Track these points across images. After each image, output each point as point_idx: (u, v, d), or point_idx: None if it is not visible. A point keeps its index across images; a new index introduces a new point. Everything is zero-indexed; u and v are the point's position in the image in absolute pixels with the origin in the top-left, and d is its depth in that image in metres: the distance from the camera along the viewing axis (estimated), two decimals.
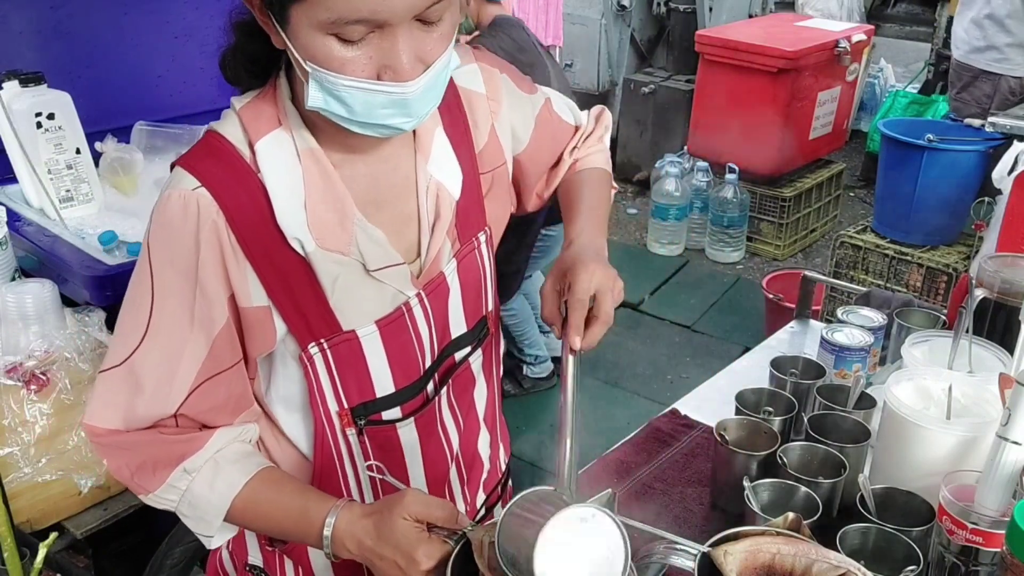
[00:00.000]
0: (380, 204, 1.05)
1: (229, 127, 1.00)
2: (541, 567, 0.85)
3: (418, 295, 1.08)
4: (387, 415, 1.11)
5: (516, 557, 0.89)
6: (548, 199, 1.33)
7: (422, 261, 1.08)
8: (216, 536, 1.08)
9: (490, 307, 1.21)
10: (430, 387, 1.14)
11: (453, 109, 1.11)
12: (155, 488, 1.04)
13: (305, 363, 1.04)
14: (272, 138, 0.99)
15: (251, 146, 0.98)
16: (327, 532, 1.01)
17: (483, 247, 1.16)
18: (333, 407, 1.07)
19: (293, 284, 1.00)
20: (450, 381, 1.17)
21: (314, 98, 0.91)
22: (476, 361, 1.21)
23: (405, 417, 1.12)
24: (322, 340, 1.03)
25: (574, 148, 1.32)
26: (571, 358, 1.03)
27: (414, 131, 1.06)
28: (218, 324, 1.00)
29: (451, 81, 1.09)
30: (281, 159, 0.98)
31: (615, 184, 1.37)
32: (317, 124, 0.99)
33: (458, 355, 1.17)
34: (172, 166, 1.00)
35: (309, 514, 1.03)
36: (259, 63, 1.00)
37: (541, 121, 1.25)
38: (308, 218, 0.99)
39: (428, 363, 1.13)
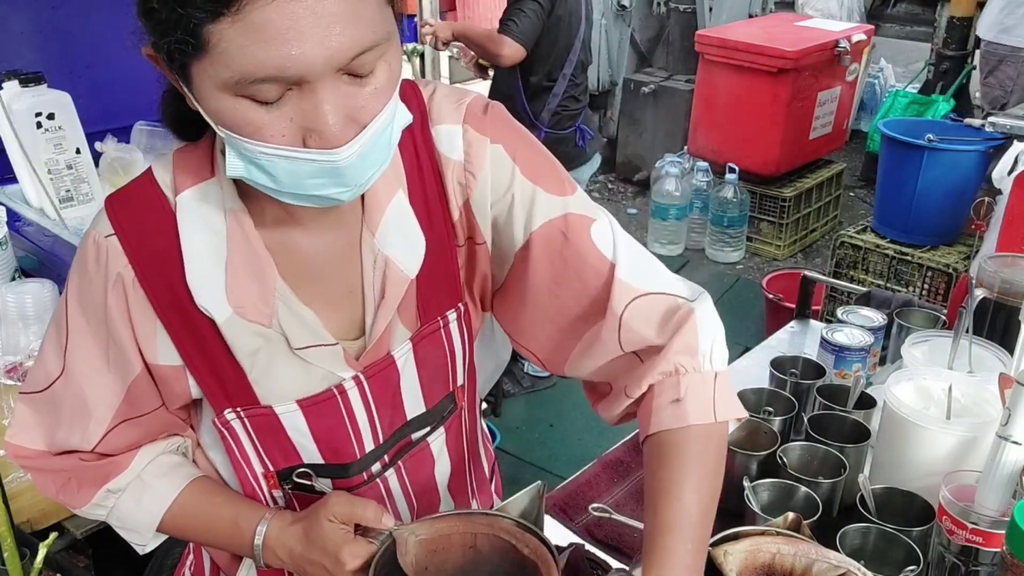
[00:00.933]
0: (315, 277, 0.93)
1: (161, 170, 0.91)
2: None
3: (355, 377, 0.96)
4: (319, 484, 1.01)
5: None
6: (588, 376, 1.02)
7: (366, 340, 0.96)
8: (149, 544, 1.08)
9: (460, 382, 1.05)
10: (376, 467, 1.04)
11: (425, 169, 0.94)
12: (81, 505, 1.04)
13: (220, 428, 0.97)
14: (199, 191, 0.89)
15: (175, 197, 0.89)
16: (258, 541, 0.99)
17: (452, 326, 1.00)
18: (258, 468, 1.01)
19: (209, 348, 0.92)
20: (401, 462, 1.05)
21: (233, 166, 0.79)
22: (437, 440, 1.07)
23: (338, 490, 1.01)
24: (239, 408, 0.95)
25: (651, 348, 0.95)
26: None
27: (363, 198, 0.91)
28: (133, 372, 0.95)
29: (430, 138, 0.94)
30: (204, 214, 0.89)
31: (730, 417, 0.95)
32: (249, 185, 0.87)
33: (415, 435, 1.05)
34: (106, 200, 0.93)
35: (240, 524, 1.01)
36: (189, 121, 0.87)
37: (552, 230, 0.95)
38: (228, 282, 0.89)
39: (368, 447, 1.02)
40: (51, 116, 2.14)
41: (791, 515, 1.05)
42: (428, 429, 1.05)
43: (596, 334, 0.96)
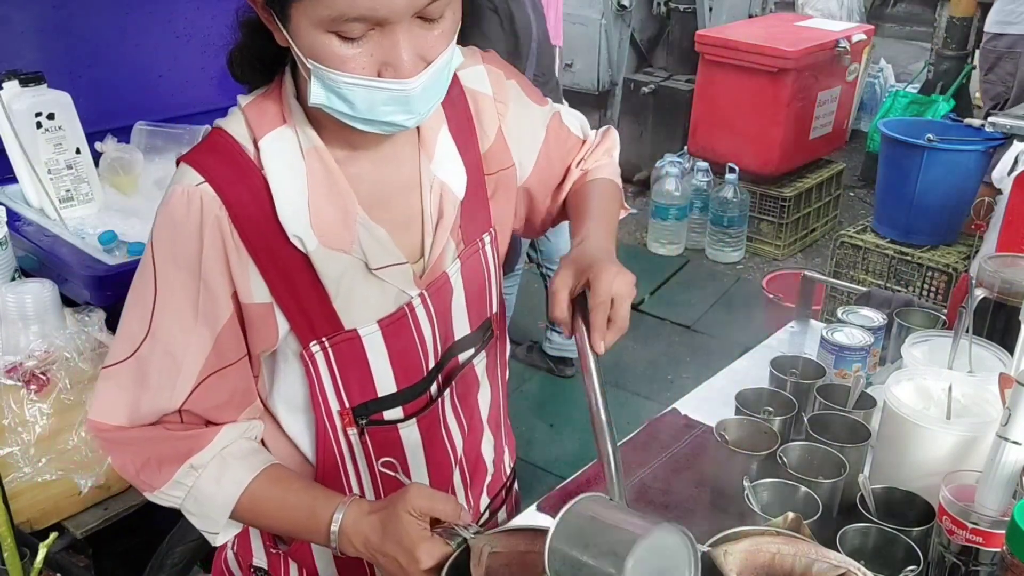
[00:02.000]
0: (383, 203, 1.05)
1: (234, 124, 1.00)
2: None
3: (421, 295, 1.07)
4: (389, 415, 1.10)
5: (583, 568, 0.85)
6: (557, 214, 1.31)
7: (425, 261, 1.08)
8: (221, 533, 1.08)
9: (495, 309, 1.20)
10: (433, 388, 1.14)
11: (459, 109, 1.11)
12: (161, 485, 1.04)
13: (306, 361, 1.03)
14: (276, 135, 0.99)
15: (255, 143, 0.98)
16: (334, 528, 1.01)
17: (487, 248, 1.16)
18: (335, 406, 1.07)
19: (296, 281, 1.00)
20: (453, 383, 1.16)
21: (316, 95, 0.91)
22: (480, 364, 1.20)
23: (407, 418, 1.12)
24: (324, 339, 1.03)
25: (581, 160, 1.30)
26: (592, 361, 0.99)
27: (418, 130, 1.06)
28: (222, 319, 1.00)
29: (457, 81, 1.09)
30: (285, 156, 0.98)
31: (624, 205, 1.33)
32: (321, 122, 0.99)
33: (462, 357, 1.17)
34: (177, 162, 1.00)
35: (316, 512, 1.03)
36: (264, 61, 1.00)
37: (551, 132, 1.24)
38: (311, 216, 0.98)
39: (431, 364, 1.12)
40: (51, 116, 2.14)
41: (791, 515, 1.05)
42: (472, 351, 1.18)
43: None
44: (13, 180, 2.24)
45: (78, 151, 2.20)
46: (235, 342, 1.02)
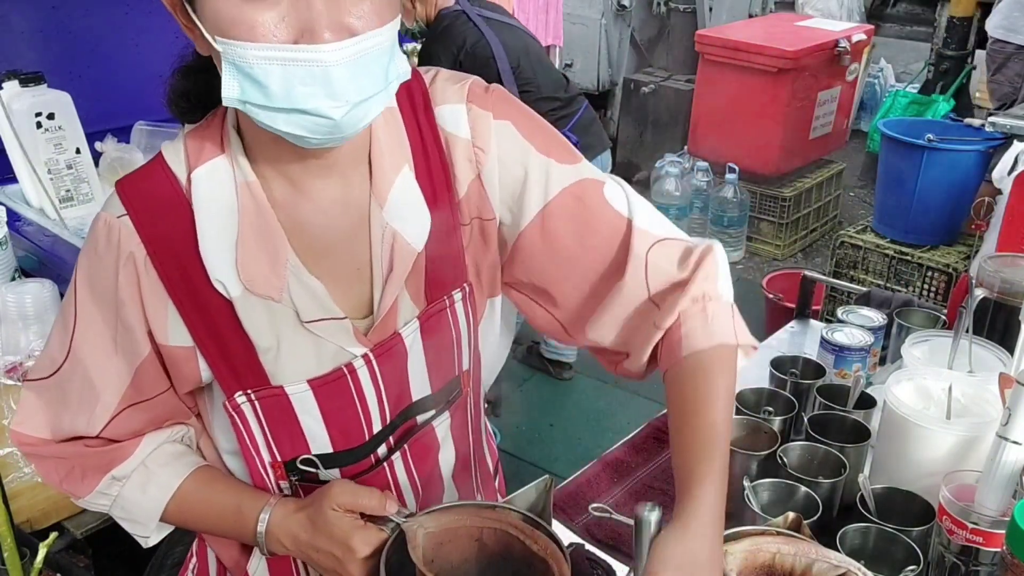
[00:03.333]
0: (325, 251, 0.95)
1: (173, 152, 0.94)
2: None
3: (365, 356, 0.96)
4: (324, 474, 1.01)
5: None
6: (612, 343, 1.04)
7: (374, 317, 0.97)
8: (152, 536, 1.08)
9: (465, 366, 1.06)
10: (382, 450, 1.04)
11: (430, 150, 0.97)
12: (85, 494, 1.04)
13: (231, 412, 0.97)
14: (211, 167, 0.91)
15: (189, 174, 0.91)
16: (260, 528, 1.00)
17: (458, 305, 1.01)
18: (266, 457, 1.01)
19: (219, 328, 0.93)
20: (406, 445, 1.05)
21: (229, 87, 0.79)
22: (442, 424, 1.08)
23: (345, 478, 1.02)
24: (250, 391, 0.95)
25: (668, 292, 0.99)
26: None
27: (371, 173, 0.94)
28: (141, 355, 0.95)
29: (433, 120, 0.97)
30: (216, 190, 0.91)
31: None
32: (263, 158, 0.91)
33: (420, 418, 1.05)
34: (117, 183, 0.95)
35: (243, 512, 1.01)
36: (191, 99, 0.94)
37: (570, 196, 0.99)
38: (239, 257, 0.90)
39: (376, 428, 1.02)
40: (51, 116, 2.14)
41: (791, 515, 1.05)
42: (433, 412, 1.06)
43: (619, 284, 0.99)
44: (13, 180, 2.24)
45: (78, 151, 2.20)
46: (156, 378, 0.98)
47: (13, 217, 2.13)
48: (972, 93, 5.52)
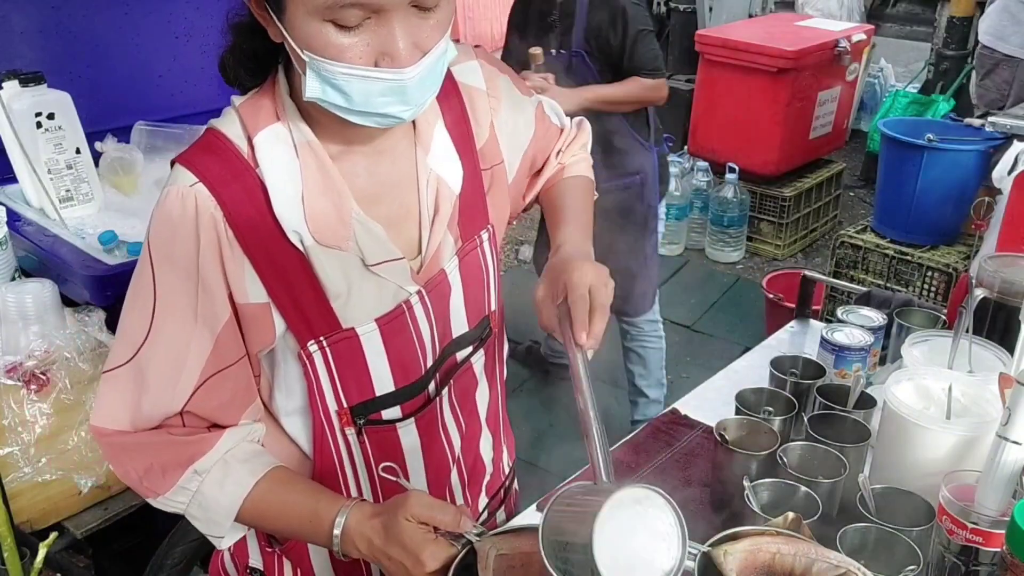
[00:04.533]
0: (379, 199, 1.04)
1: (228, 124, 1.00)
2: (601, 551, 0.82)
3: (419, 292, 1.06)
4: (387, 415, 1.10)
5: (569, 549, 0.86)
6: (531, 203, 1.34)
7: (423, 257, 1.07)
8: (226, 537, 1.08)
9: (493, 307, 1.20)
10: (431, 387, 1.13)
11: (454, 104, 1.10)
12: (165, 491, 1.04)
13: (304, 361, 1.03)
14: (270, 132, 0.98)
15: (249, 141, 0.98)
16: (337, 532, 1.01)
17: (486, 245, 1.15)
18: (332, 406, 1.07)
19: (292, 280, 1.00)
20: (452, 381, 1.16)
21: (312, 88, 0.90)
22: (478, 362, 1.20)
23: (405, 417, 1.12)
24: (321, 338, 1.02)
25: (559, 152, 1.31)
26: (579, 355, 1.01)
27: (414, 124, 1.06)
28: (221, 319, 0.99)
29: (452, 76, 1.09)
30: (279, 153, 0.98)
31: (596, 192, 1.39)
32: (315, 117, 0.99)
33: (460, 355, 1.16)
34: (172, 163, 1.00)
35: (319, 514, 1.03)
36: (257, 61, 1.00)
37: (538, 125, 1.25)
38: (306, 212, 0.98)
39: (429, 363, 1.11)
40: (51, 116, 2.14)
41: (791, 515, 1.05)
42: (471, 349, 1.18)
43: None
44: (13, 180, 2.24)
45: (78, 151, 2.20)
46: (235, 342, 1.02)
47: (13, 217, 2.13)
48: (972, 93, 5.51)
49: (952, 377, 1.33)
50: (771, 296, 3.79)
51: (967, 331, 1.43)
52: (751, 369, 1.77)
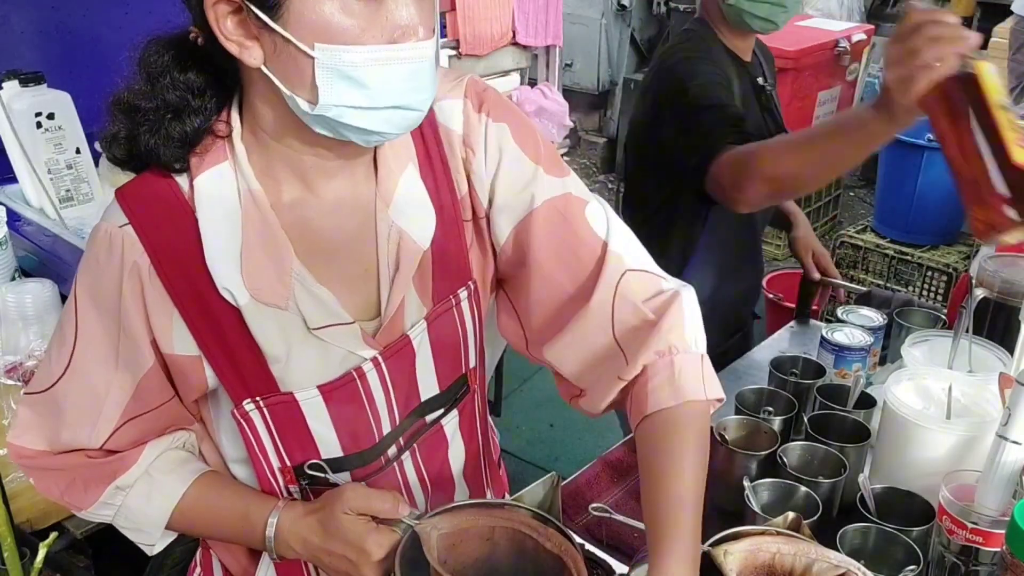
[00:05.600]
0: (334, 254, 0.94)
1: None
2: None
3: (374, 359, 0.96)
4: (335, 477, 1.01)
5: None
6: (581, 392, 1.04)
7: (381, 319, 0.97)
8: (157, 544, 1.07)
9: (472, 364, 1.06)
10: (392, 451, 1.04)
11: (430, 144, 0.97)
12: (88, 506, 1.02)
13: (239, 419, 0.96)
14: (215, 173, 0.90)
15: (190, 182, 0.90)
16: (269, 532, 0.99)
17: (464, 304, 1.02)
18: (275, 463, 1.00)
19: (227, 336, 0.92)
20: (416, 445, 1.05)
21: (326, 94, 0.81)
22: (451, 422, 1.08)
23: (356, 480, 1.02)
24: (258, 398, 0.95)
25: (652, 333, 0.96)
26: None
27: (376, 172, 0.95)
28: (144, 366, 0.94)
29: (433, 115, 0.97)
30: (221, 198, 0.90)
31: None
32: (269, 163, 0.91)
33: (429, 417, 1.06)
34: (116, 192, 0.93)
35: (250, 516, 1.00)
36: (205, 121, 0.89)
37: (551, 209, 0.99)
38: (243, 266, 0.90)
39: (386, 430, 1.02)
40: (51, 116, 2.13)
41: (791, 515, 1.05)
42: (442, 411, 1.06)
43: (585, 309, 0.99)
44: (13, 180, 2.24)
45: (78, 151, 2.20)
46: (159, 388, 0.97)
47: (13, 217, 2.13)
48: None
49: (952, 377, 1.34)
50: (771, 296, 3.79)
51: (967, 331, 1.43)
52: (751, 369, 1.78)
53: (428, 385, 1.03)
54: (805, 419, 1.40)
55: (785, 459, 1.31)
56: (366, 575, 0.96)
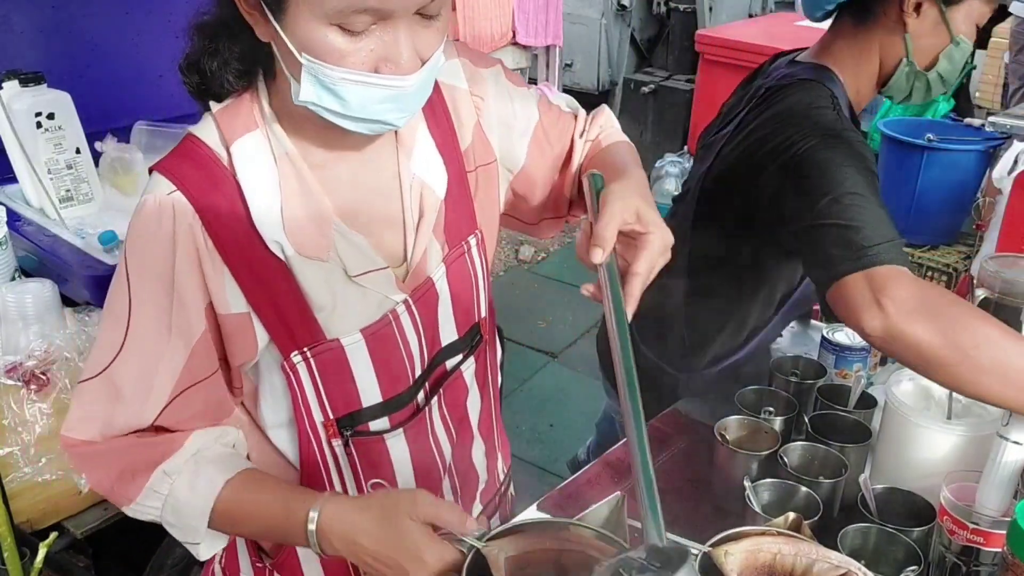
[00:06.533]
0: (361, 208, 1.02)
1: (206, 130, 0.98)
2: None
3: (405, 302, 1.04)
4: (374, 426, 1.07)
5: None
6: (572, 192, 1.24)
7: (408, 265, 1.05)
8: (203, 543, 1.05)
9: (483, 313, 1.17)
10: (420, 397, 1.11)
11: (436, 106, 1.08)
12: (136, 495, 1.02)
13: (288, 372, 1.01)
14: (249, 140, 0.96)
15: (227, 149, 0.96)
16: (311, 527, 0.97)
17: (474, 251, 1.12)
18: (318, 417, 1.04)
19: (275, 290, 0.97)
20: (441, 390, 1.13)
21: (307, 92, 0.88)
22: (468, 369, 1.17)
23: (394, 428, 1.09)
24: (305, 349, 1.00)
25: (583, 132, 1.24)
26: (620, 329, 0.90)
27: (396, 131, 1.03)
28: (196, 332, 0.97)
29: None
30: (258, 161, 0.96)
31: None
32: (298, 125, 0.97)
33: (449, 363, 1.14)
34: (150, 171, 0.97)
35: (292, 509, 0.99)
36: (244, 62, 0.96)
37: (543, 112, 1.20)
38: (285, 223, 0.96)
39: (417, 372, 1.09)
40: (51, 116, 2.13)
41: (792, 515, 1.05)
42: (460, 357, 1.15)
43: (568, 169, 1.24)
44: (13, 180, 2.24)
45: (78, 151, 2.20)
46: (208, 356, 1.00)
47: (13, 217, 2.13)
48: (972, 93, 5.50)
49: None
50: None
51: None
52: (751, 369, 1.77)
53: (448, 331, 1.12)
54: (806, 419, 1.40)
55: (786, 459, 1.31)
56: None
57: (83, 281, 1.94)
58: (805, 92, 1.48)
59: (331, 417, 1.04)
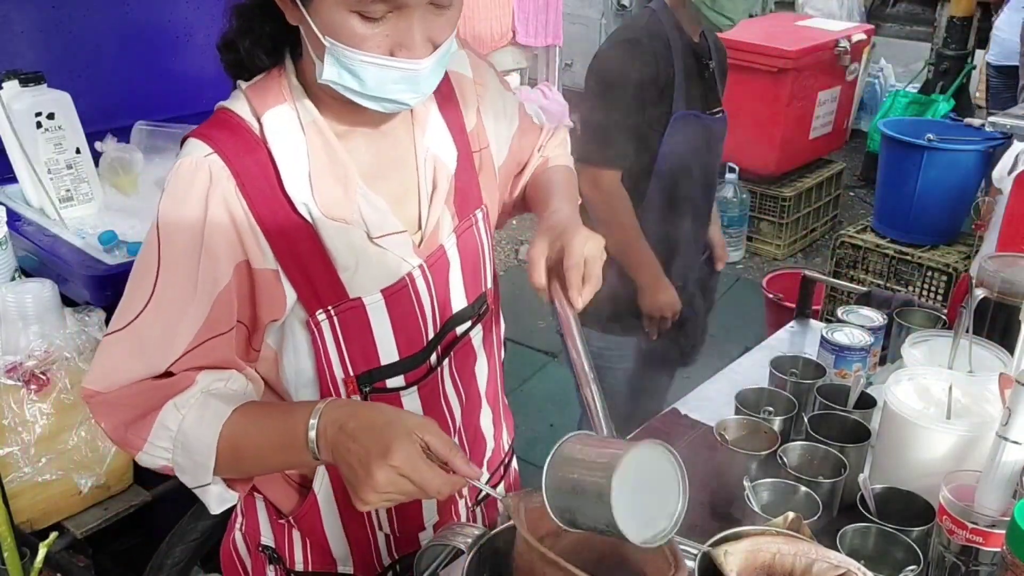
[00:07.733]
0: (381, 176, 1.10)
1: (237, 103, 1.05)
2: (618, 504, 0.86)
3: (421, 266, 1.12)
4: (391, 383, 1.13)
5: (576, 500, 0.89)
6: (518, 199, 1.37)
7: (423, 232, 1.13)
8: (213, 488, 1.04)
9: (489, 284, 1.25)
10: (433, 358, 1.17)
11: (444, 89, 1.15)
12: (147, 434, 1.02)
13: (312, 329, 1.06)
14: (277, 111, 1.03)
15: (258, 120, 1.03)
16: (312, 435, 0.95)
17: (480, 224, 1.20)
18: (339, 374, 1.09)
19: (301, 251, 1.04)
20: (452, 354, 1.20)
21: (329, 72, 0.97)
22: (476, 336, 1.24)
23: (409, 385, 1.15)
24: (329, 307, 1.06)
25: (541, 146, 1.38)
26: (571, 315, 1.08)
27: (411, 109, 1.11)
28: (220, 284, 1.01)
29: None
30: (287, 130, 1.03)
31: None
32: (322, 100, 1.05)
33: (459, 329, 1.21)
34: (182, 141, 1.03)
35: (293, 419, 0.98)
36: (274, 42, 1.05)
37: (522, 115, 1.32)
38: (313, 188, 1.03)
39: (431, 334, 1.16)
40: (51, 116, 2.13)
41: (791, 515, 1.05)
42: (469, 324, 1.22)
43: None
44: (13, 180, 2.24)
45: (78, 151, 2.20)
46: (228, 311, 1.03)
47: (13, 217, 2.13)
48: (972, 93, 5.52)
49: (952, 377, 1.34)
50: (771, 296, 3.79)
51: (967, 331, 1.43)
52: (751, 369, 1.78)
53: (458, 297, 1.19)
54: (805, 419, 1.40)
55: (785, 459, 1.31)
56: (372, 472, 0.89)
57: (83, 281, 1.94)
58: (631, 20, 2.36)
59: (351, 374, 1.10)
